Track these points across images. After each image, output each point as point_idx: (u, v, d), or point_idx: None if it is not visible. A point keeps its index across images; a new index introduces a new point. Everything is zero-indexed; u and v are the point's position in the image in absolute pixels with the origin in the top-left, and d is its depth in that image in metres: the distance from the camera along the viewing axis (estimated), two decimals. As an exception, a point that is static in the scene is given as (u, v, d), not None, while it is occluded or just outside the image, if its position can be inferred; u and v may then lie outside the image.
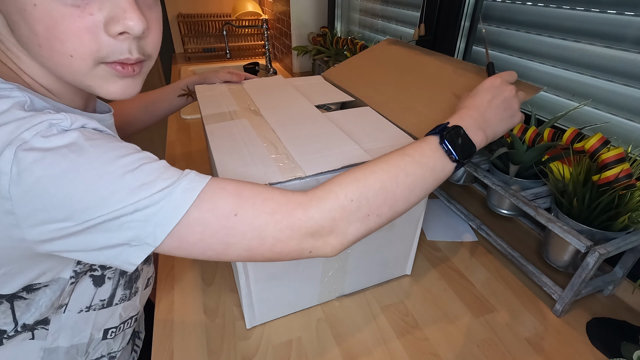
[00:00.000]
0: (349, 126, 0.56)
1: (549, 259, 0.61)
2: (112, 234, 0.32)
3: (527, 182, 0.62)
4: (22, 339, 0.43)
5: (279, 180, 0.42)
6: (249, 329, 0.54)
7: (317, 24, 1.64)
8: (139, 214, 0.31)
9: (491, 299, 0.59)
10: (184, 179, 0.33)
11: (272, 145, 0.50)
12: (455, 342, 0.52)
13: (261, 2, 2.15)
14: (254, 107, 0.63)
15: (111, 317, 0.50)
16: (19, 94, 0.33)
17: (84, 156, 0.31)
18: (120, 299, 0.49)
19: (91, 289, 0.45)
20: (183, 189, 0.32)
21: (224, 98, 0.67)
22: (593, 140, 0.52)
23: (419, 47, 0.77)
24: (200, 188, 0.33)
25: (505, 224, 0.75)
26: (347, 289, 0.59)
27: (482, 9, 0.84)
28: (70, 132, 0.32)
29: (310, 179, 0.43)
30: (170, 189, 0.32)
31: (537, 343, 0.52)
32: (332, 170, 0.44)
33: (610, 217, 0.51)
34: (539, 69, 0.73)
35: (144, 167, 0.33)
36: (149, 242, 0.32)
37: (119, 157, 0.32)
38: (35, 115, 0.31)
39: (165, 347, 0.51)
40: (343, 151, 0.48)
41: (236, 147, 0.49)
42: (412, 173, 0.39)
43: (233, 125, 0.56)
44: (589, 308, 0.58)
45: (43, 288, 0.41)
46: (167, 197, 0.32)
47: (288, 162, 0.45)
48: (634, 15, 0.57)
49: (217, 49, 2.13)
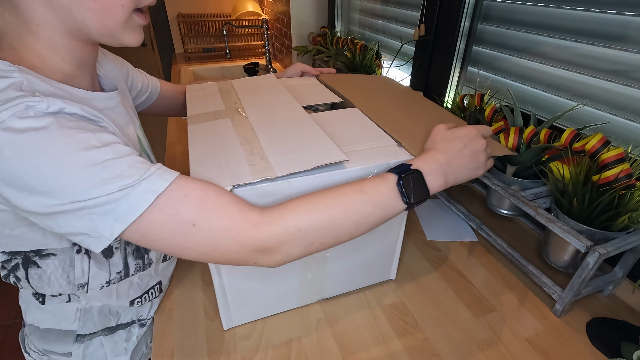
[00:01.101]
0: (333, 127, 0.55)
1: (549, 259, 0.61)
2: (72, 222, 0.35)
3: (527, 182, 0.62)
4: (60, 301, 0.49)
5: (248, 182, 0.41)
6: (226, 330, 0.54)
7: (317, 24, 1.64)
8: (98, 209, 0.34)
9: (491, 299, 0.59)
10: (146, 180, 0.35)
11: (249, 145, 0.49)
12: (455, 342, 0.52)
13: (261, 2, 2.15)
14: (240, 106, 0.62)
15: (130, 287, 0.53)
16: (18, 76, 0.36)
17: (52, 144, 0.33)
18: (135, 269, 0.52)
19: (105, 263, 0.48)
20: (143, 190, 0.35)
21: (212, 98, 0.66)
22: (593, 140, 0.52)
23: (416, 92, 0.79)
24: (160, 190, 0.35)
25: (505, 224, 0.75)
26: (327, 293, 0.59)
27: (482, 9, 0.84)
28: (44, 117, 0.34)
29: (280, 180, 0.42)
30: (130, 189, 0.34)
31: (537, 343, 0.52)
32: (304, 171, 0.43)
33: (610, 217, 0.51)
34: (539, 69, 0.73)
35: (107, 163, 0.35)
36: (106, 235, 0.35)
37: (86, 149, 0.34)
38: (17, 97, 0.33)
39: (165, 347, 0.51)
40: (320, 151, 0.47)
41: (213, 147, 0.49)
42: (362, 211, 0.42)
43: (215, 125, 0.55)
44: (589, 308, 0.58)
45: (52, 257, 0.45)
46: (125, 197, 0.34)
47: (261, 163, 0.45)
48: (634, 15, 0.57)
49: (217, 49, 2.13)
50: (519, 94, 0.78)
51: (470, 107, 0.76)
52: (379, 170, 0.48)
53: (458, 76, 0.94)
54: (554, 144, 0.58)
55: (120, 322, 0.54)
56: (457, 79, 0.94)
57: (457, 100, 0.79)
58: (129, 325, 0.55)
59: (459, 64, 0.92)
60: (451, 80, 0.94)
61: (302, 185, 0.44)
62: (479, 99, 0.75)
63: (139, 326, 0.56)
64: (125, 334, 0.55)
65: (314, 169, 0.44)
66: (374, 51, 1.16)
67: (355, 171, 0.46)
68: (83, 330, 0.52)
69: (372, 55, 1.16)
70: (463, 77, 0.93)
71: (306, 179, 0.44)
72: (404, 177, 0.42)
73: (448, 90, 0.95)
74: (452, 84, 0.95)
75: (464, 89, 0.94)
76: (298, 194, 0.44)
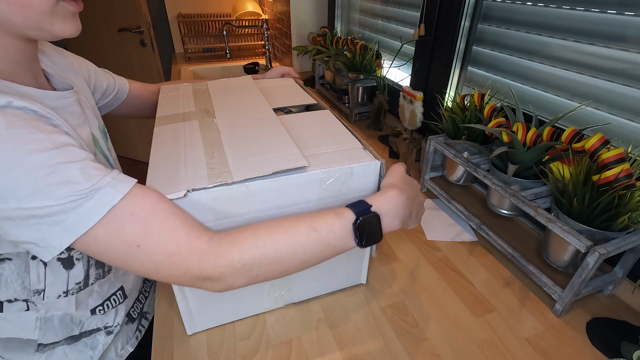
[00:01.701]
0: (301, 129, 0.54)
1: (549, 259, 0.61)
2: (19, 230, 0.33)
3: (527, 182, 0.62)
4: (18, 309, 0.47)
5: (204, 186, 0.40)
6: (190, 335, 0.53)
7: (317, 24, 1.64)
8: (48, 219, 0.33)
9: (491, 299, 0.59)
10: (99, 191, 0.34)
11: (211, 149, 0.48)
12: (455, 342, 0.52)
13: (261, 2, 2.15)
14: (211, 108, 0.61)
15: (90, 296, 0.51)
16: None
17: (3, 144, 0.32)
18: (95, 278, 0.51)
19: (63, 273, 0.47)
20: (95, 202, 0.34)
21: (184, 99, 0.65)
22: (593, 140, 0.52)
23: None
24: (112, 203, 0.34)
25: (505, 224, 0.75)
26: (295, 297, 0.58)
27: (482, 9, 0.84)
28: None
29: (237, 184, 0.42)
30: (82, 200, 0.33)
31: (537, 343, 0.52)
32: (261, 176, 0.43)
33: (610, 217, 0.51)
34: (539, 69, 0.73)
35: (58, 167, 0.33)
36: (54, 246, 0.34)
37: (36, 152, 0.33)
38: None
39: (165, 347, 0.51)
40: (281, 155, 0.46)
41: (176, 150, 0.48)
42: (311, 250, 0.40)
43: (182, 127, 0.54)
44: (589, 308, 0.58)
45: (7, 262, 0.44)
46: (77, 208, 0.33)
47: (220, 167, 0.44)
48: (634, 15, 0.57)
49: (217, 49, 2.13)
50: (519, 94, 0.78)
51: (471, 106, 0.76)
52: (341, 173, 0.47)
53: (458, 76, 0.94)
54: (555, 143, 0.58)
55: (84, 330, 0.52)
56: (457, 79, 0.94)
57: (457, 100, 0.79)
58: (93, 333, 0.53)
59: (459, 64, 0.92)
60: (451, 80, 0.94)
61: (260, 189, 0.43)
62: (479, 99, 0.75)
63: (105, 334, 0.54)
64: (90, 341, 0.53)
65: (272, 174, 0.43)
66: (374, 51, 1.16)
67: (317, 174, 0.45)
68: (44, 339, 0.50)
69: (372, 55, 1.16)
70: (463, 77, 0.93)
71: (264, 182, 0.43)
72: (362, 220, 0.41)
73: (448, 90, 0.95)
74: (452, 84, 0.95)
75: (464, 89, 0.94)
76: (257, 196, 0.44)
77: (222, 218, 0.43)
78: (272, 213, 0.46)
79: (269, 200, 0.45)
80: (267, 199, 0.45)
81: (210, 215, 0.42)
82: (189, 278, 0.37)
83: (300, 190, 0.46)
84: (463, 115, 0.76)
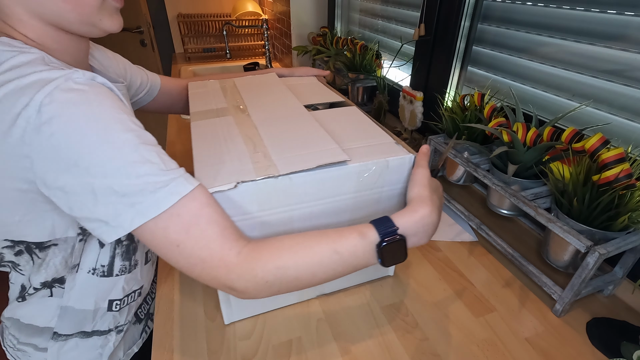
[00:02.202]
0: (332, 125, 0.55)
1: (549, 259, 0.61)
2: (95, 206, 0.35)
3: (527, 182, 0.62)
4: (42, 295, 0.50)
5: (252, 179, 0.42)
6: (227, 324, 0.55)
7: (317, 24, 1.64)
8: (126, 199, 0.35)
9: (491, 299, 0.59)
10: (175, 180, 0.37)
11: (252, 143, 0.49)
12: (455, 342, 0.52)
13: (261, 2, 2.15)
14: (242, 104, 0.62)
15: (113, 288, 0.53)
16: (36, 51, 0.38)
17: (94, 119, 0.35)
18: (121, 270, 0.53)
19: (96, 250, 0.50)
20: (170, 190, 0.36)
21: (214, 95, 0.66)
22: (593, 140, 0.52)
23: None
24: (183, 194, 0.37)
25: (505, 224, 0.75)
26: (327, 289, 0.60)
27: (482, 9, 0.84)
28: (85, 91, 0.36)
29: (282, 177, 0.43)
30: (160, 185, 0.36)
31: (537, 343, 0.52)
32: (306, 169, 0.44)
33: (610, 217, 0.51)
34: (539, 69, 0.73)
35: (140, 147, 0.36)
36: (124, 226, 0.36)
37: (124, 131, 0.36)
38: (53, 69, 0.36)
39: (165, 347, 0.51)
40: (321, 150, 0.48)
41: (216, 144, 0.49)
42: (332, 270, 0.41)
43: (218, 122, 0.55)
44: (589, 308, 0.58)
45: (53, 247, 0.46)
46: (154, 192, 0.35)
47: (264, 160, 0.45)
48: (634, 15, 0.57)
49: (217, 49, 2.13)
50: (519, 93, 0.78)
51: (471, 106, 0.76)
52: (378, 166, 0.47)
53: (458, 76, 0.94)
54: (555, 143, 0.58)
55: (96, 329, 0.54)
56: (457, 79, 0.94)
57: (457, 100, 0.79)
58: (105, 334, 0.55)
59: (459, 64, 0.92)
60: (451, 80, 0.94)
61: (302, 182, 0.45)
62: (479, 99, 0.75)
63: (115, 333, 0.56)
64: (100, 341, 0.55)
65: (315, 169, 0.44)
66: (374, 51, 1.16)
67: (355, 167, 0.46)
68: (60, 329, 0.52)
69: (372, 55, 1.16)
70: (463, 77, 0.93)
71: (307, 175, 0.44)
72: (387, 244, 0.40)
73: (448, 90, 0.95)
74: (452, 84, 0.95)
75: (464, 89, 0.94)
76: (298, 188, 0.45)
77: (264, 209, 0.45)
78: (311, 205, 0.48)
79: (309, 192, 0.46)
80: (308, 192, 0.46)
81: (254, 206, 0.44)
82: (217, 284, 0.40)
83: (339, 183, 0.47)
84: (463, 115, 0.76)
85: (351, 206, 0.50)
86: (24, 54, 0.37)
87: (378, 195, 0.50)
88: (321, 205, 0.48)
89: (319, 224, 0.50)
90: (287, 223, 0.48)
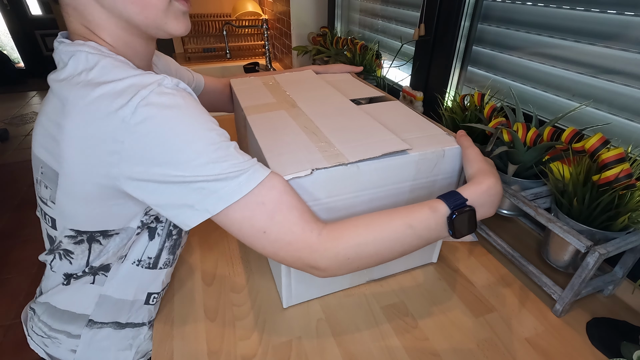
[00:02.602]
0: (382, 118, 0.57)
1: (549, 259, 0.61)
2: (181, 194, 0.39)
3: (527, 182, 0.62)
4: (85, 282, 0.50)
5: (324, 166, 0.45)
6: (285, 308, 0.57)
7: (317, 24, 1.64)
8: (212, 185, 0.38)
9: (491, 299, 0.59)
10: (252, 167, 0.40)
11: (313, 134, 0.52)
12: (455, 342, 0.52)
13: (261, 2, 2.15)
14: (290, 99, 0.64)
15: (154, 281, 0.54)
16: (120, 57, 0.42)
17: (183, 120, 0.38)
18: (165, 264, 0.54)
19: (145, 241, 0.51)
20: (248, 176, 0.39)
21: (260, 91, 0.69)
22: (593, 140, 0.52)
23: None
24: (261, 179, 0.40)
25: (505, 224, 0.75)
26: (375, 274, 0.62)
27: (482, 9, 0.84)
28: (173, 92, 0.39)
29: (351, 165, 0.46)
30: (240, 171, 0.39)
31: (537, 343, 0.52)
32: (373, 157, 0.46)
33: (610, 217, 0.51)
34: (539, 69, 0.73)
35: (222, 144, 0.40)
36: (209, 210, 0.39)
37: (208, 130, 0.39)
38: (145, 74, 0.39)
39: (165, 347, 0.51)
40: (382, 140, 0.50)
41: (278, 136, 0.52)
42: (407, 244, 0.44)
43: (272, 116, 0.58)
44: (589, 308, 0.58)
45: (114, 236, 0.47)
46: (236, 178, 0.39)
47: (331, 150, 0.48)
48: (634, 15, 0.57)
49: (217, 49, 2.13)
50: (519, 93, 0.78)
51: (471, 106, 0.76)
52: (435, 155, 0.50)
53: (458, 76, 0.94)
54: (555, 143, 0.58)
55: (130, 321, 0.54)
56: (457, 78, 0.94)
57: (457, 100, 0.79)
58: (138, 326, 0.55)
59: (459, 64, 0.92)
60: (451, 80, 0.94)
61: (368, 170, 0.47)
62: (479, 99, 0.75)
63: (148, 327, 0.57)
64: (132, 332, 0.55)
65: (381, 157, 0.47)
66: (374, 51, 1.16)
67: (414, 156, 0.49)
68: (96, 317, 0.52)
69: (372, 55, 1.16)
70: (463, 77, 0.93)
71: (372, 163, 0.47)
72: (458, 215, 0.42)
73: (448, 90, 0.95)
74: (452, 84, 0.95)
75: (464, 89, 0.94)
76: (364, 176, 0.48)
77: (332, 196, 0.48)
78: (373, 191, 0.50)
79: (373, 180, 0.49)
80: (372, 179, 0.49)
81: (323, 192, 0.46)
82: (302, 265, 0.42)
83: (400, 170, 0.50)
84: (463, 115, 0.76)
85: (408, 193, 0.53)
86: (111, 58, 0.40)
87: (432, 183, 0.53)
88: (382, 192, 0.51)
89: (378, 209, 0.52)
90: (350, 208, 0.50)
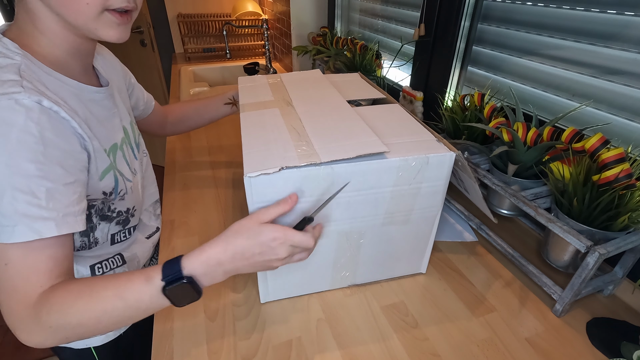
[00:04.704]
0: (375, 120, 0.58)
1: (549, 259, 0.61)
2: None
3: (527, 182, 0.62)
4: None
5: (295, 165, 0.45)
6: (263, 303, 0.58)
7: (317, 24, 1.64)
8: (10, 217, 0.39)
9: (491, 299, 0.59)
10: (36, 223, 0.40)
11: (296, 133, 0.53)
12: (455, 342, 0.52)
13: (261, 2, 2.15)
14: (288, 98, 0.66)
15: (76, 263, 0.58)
16: (19, 60, 0.43)
17: (5, 144, 0.38)
18: (81, 246, 0.57)
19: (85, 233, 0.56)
20: (22, 229, 0.39)
21: (262, 89, 0.71)
22: (593, 140, 0.52)
23: None
24: (12, 241, 0.39)
25: (505, 224, 0.75)
26: (359, 279, 0.61)
27: (482, 9, 0.84)
28: (18, 112, 0.39)
29: (324, 166, 0.46)
30: (24, 219, 0.39)
31: (537, 343, 0.52)
32: (346, 158, 0.46)
33: (610, 217, 0.51)
34: (539, 69, 0.73)
35: (34, 181, 0.40)
36: None
37: (27, 160, 0.39)
38: (6, 82, 0.39)
39: (165, 347, 0.51)
40: (362, 142, 0.50)
41: (264, 132, 0.53)
42: (118, 316, 0.41)
43: (265, 113, 0.60)
44: (589, 308, 0.58)
45: None
46: (14, 222, 0.39)
47: (307, 149, 0.48)
48: (634, 15, 0.57)
49: (217, 49, 2.13)
50: (519, 94, 0.78)
51: (471, 106, 0.76)
52: (418, 162, 0.49)
53: (458, 76, 0.94)
54: (555, 143, 0.58)
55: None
56: (457, 78, 0.94)
57: (457, 100, 0.79)
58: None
59: (459, 64, 0.92)
60: (451, 80, 0.94)
61: (343, 172, 0.47)
62: (479, 99, 0.75)
63: None
64: None
65: (355, 158, 0.46)
66: (374, 51, 1.16)
67: (395, 162, 0.48)
68: None
69: (372, 55, 1.16)
70: (463, 77, 0.93)
71: (347, 165, 0.47)
72: (171, 287, 0.40)
73: (448, 90, 0.95)
74: (452, 84, 0.95)
75: (464, 89, 0.94)
76: (339, 178, 0.47)
77: (305, 196, 0.48)
78: (350, 195, 0.50)
79: (350, 182, 0.48)
80: (348, 182, 0.48)
81: (297, 192, 0.46)
82: (9, 325, 0.41)
83: (378, 175, 0.49)
84: (463, 115, 0.76)
85: (389, 199, 0.52)
86: (3, 58, 0.41)
87: (416, 191, 0.52)
88: (360, 196, 0.50)
89: (356, 214, 0.52)
90: (324, 211, 0.50)
